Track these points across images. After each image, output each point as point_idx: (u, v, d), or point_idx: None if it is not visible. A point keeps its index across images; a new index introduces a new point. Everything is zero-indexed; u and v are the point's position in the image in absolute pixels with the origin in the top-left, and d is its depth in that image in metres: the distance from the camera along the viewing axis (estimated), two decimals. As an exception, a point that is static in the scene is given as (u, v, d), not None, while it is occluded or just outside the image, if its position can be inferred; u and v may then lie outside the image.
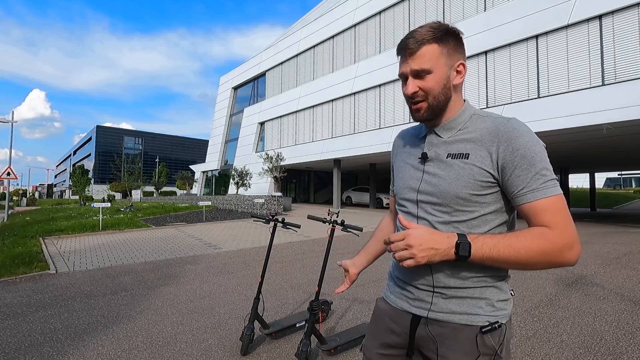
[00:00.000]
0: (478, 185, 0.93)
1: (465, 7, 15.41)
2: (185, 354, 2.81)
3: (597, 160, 20.25)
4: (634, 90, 10.15)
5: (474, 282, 0.96)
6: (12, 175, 17.28)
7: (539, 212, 0.88)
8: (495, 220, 0.96)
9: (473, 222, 0.95)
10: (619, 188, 53.59)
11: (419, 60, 0.95)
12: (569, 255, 0.86)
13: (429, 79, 0.95)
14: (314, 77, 23.58)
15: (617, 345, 2.90)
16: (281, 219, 2.98)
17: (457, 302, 0.97)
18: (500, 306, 0.97)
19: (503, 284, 0.98)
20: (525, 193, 0.89)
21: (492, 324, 0.94)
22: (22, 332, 3.25)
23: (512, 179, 0.90)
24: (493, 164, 0.92)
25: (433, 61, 0.95)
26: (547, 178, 0.89)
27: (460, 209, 0.95)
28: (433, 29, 0.95)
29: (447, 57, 0.96)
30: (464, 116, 1.00)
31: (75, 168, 40.67)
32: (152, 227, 12.07)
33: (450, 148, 0.98)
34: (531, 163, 0.89)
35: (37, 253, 7.02)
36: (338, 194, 20.89)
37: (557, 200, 0.88)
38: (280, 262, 6.29)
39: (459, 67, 0.98)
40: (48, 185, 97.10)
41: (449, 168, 0.97)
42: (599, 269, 5.57)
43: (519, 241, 0.87)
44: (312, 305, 2.54)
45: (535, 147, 0.90)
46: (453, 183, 0.95)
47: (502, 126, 0.93)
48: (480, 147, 0.94)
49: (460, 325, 0.96)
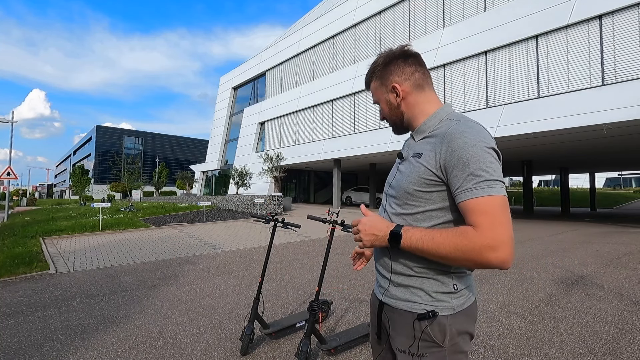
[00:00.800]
0: (422, 182, 1.00)
1: (465, 7, 15.41)
2: (185, 354, 2.81)
3: (597, 160, 20.25)
4: (634, 90, 10.14)
5: (416, 272, 1.03)
6: (12, 175, 17.28)
7: (468, 211, 0.92)
8: (441, 218, 1.01)
9: (418, 216, 1.02)
10: (619, 188, 53.60)
11: (372, 95, 1.19)
12: (490, 256, 0.88)
13: (381, 107, 1.17)
14: (314, 77, 23.57)
15: (617, 345, 2.90)
16: (281, 219, 2.98)
17: (402, 289, 1.05)
18: (439, 297, 1.01)
19: (445, 277, 1.02)
20: (459, 192, 0.94)
21: (428, 312, 1.00)
22: (22, 332, 3.25)
23: (451, 178, 0.95)
24: (436, 164, 0.98)
25: (376, 94, 1.16)
26: (480, 179, 0.91)
27: (408, 202, 1.04)
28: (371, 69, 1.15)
29: (380, 87, 1.14)
30: (433, 121, 1.07)
31: (75, 168, 40.65)
32: (152, 227, 12.07)
33: (415, 148, 1.09)
34: (466, 164, 0.92)
35: (37, 253, 7.03)
36: (338, 194, 20.88)
37: (487, 201, 0.89)
38: (280, 262, 6.29)
39: (391, 89, 1.11)
40: (48, 185, 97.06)
41: (408, 166, 1.07)
42: (599, 269, 5.57)
43: (442, 237, 0.93)
44: (312, 305, 2.54)
45: (472, 149, 0.93)
46: (404, 179, 1.05)
47: (450, 128, 0.99)
48: (432, 147, 1.01)
49: (403, 311, 1.05)
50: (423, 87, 1.11)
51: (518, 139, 13.23)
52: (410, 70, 1.09)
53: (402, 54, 1.10)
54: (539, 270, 5.55)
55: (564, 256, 6.74)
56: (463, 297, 1.04)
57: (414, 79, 1.09)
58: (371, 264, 4.32)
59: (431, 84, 1.13)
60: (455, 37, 15.46)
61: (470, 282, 1.08)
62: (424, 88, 1.11)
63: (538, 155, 17.33)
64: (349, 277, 5.12)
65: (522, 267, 5.77)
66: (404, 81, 1.09)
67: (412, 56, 1.11)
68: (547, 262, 6.20)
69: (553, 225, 13.26)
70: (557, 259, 6.50)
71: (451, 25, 15.83)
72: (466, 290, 1.05)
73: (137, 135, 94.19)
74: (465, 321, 1.03)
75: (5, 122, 19.75)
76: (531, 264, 6.02)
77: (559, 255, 6.81)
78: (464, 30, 15.18)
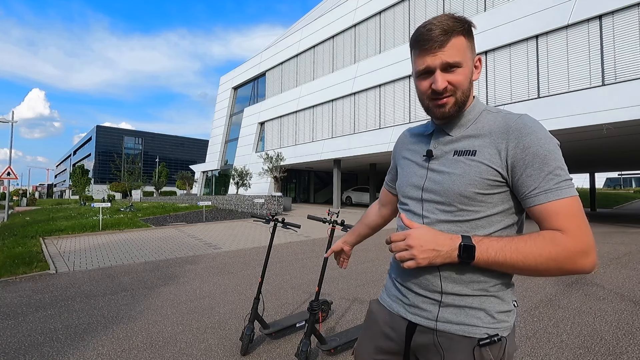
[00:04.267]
0: (485, 184, 0.88)
1: (465, 7, 15.41)
2: (185, 354, 2.81)
3: (597, 160, 20.25)
4: (634, 90, 10.14)
5: (474, 289, 0.90)
6: (12, 175, 17.28)
7: (551, 215, 0.82)
8: (502, 222, 0.90)
9: (478, 223, 0.90)
10: (619, 188, 53.58)
11: (449, 52, 0.87)
12: (583, 262, 0.80)
13: (459, 72, 0.89)
14: (314, 77, 23.57)
15: (617, 345, 2.90)
16: (281, 219, 2.98)
17: (454, 311, 0.91)
18: (501, 318, 0.90)
19: (505, 293, 0.92)
20: (537, 194, 0.83)
21: (491, 336, 0.88)
22: (22, 332, 3.25)
23: (523, 178, 0.85)
24: (502, 162, 0.86)
25: (462, 54, 0.89)
26: (561, 178, 0.83)
27: (464, 208, 0.90)
28: (458, 20, 0.90)
29: (471, 52, 0.92)
30: (473, 112, 0.95)
31: (75, 168, 40.69)
32: (152, 227, 12.07)
33: (457, 145, 0.94)
34: (544, 162, 0.83)
35: (37, 253, 7.02)
36: (338, 194, 20.88)
37: (572, 203, 0.82)
38: (280, 262, 6.29)
39: (476, 63, 0.95)
40: (48, 185, 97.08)
41: (454, 165, 0.92)
42: (599, 269, 5.57)
43: (528, 246, 0.81)
44: (312, 305, 2.54)
45: (548, 145, 0.84)
46: (458, 181, 0.90)
47: (512, 122, 0.88)
48: (489, 144, 0.89)
49: (457, 336, 0.90)
50: None
51: (518, 139, 13.21)
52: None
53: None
54: (539, 270, 5.55)
55: (564, 256, 6.74)
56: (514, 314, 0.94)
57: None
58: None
59: None
60: (455, 37, 15.45)
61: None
62: None
63: (538, 155, 17.28)
64: (349, 277, 5.12)
65: (522, 267, 5.76)
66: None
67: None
68: (547, 262, 6.20)
69: (553, 225, 13.23)
70: (557, 259, 6.49)
71: (451, 25, 15.83)
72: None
73: (137, 135, 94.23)
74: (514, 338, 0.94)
75: (5, 122, 19.75)
76: (531, 264, 6.01)
77: (559, 255, 6.80)
78: (464, 30, 15.19)
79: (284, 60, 26.28)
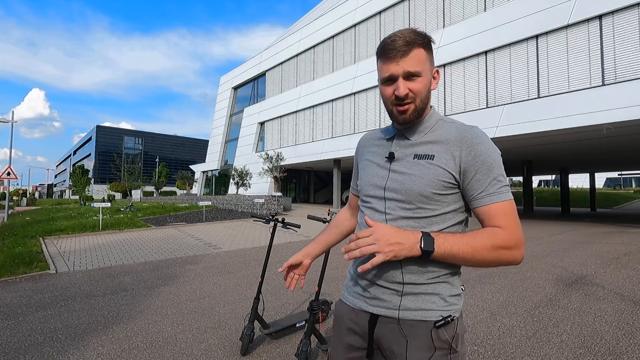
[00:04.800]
0: (441, 185, 0.98)
1: (465, 7, 15.41)
2: (185, 354, 2.81)
3: (597, 160, 20.25)
4: (634, 90, 10.15)
5: (428, 278, 0.99)
6: (12, 175, 17.28)
7: (494, 214, 0.96)
8: (454, 219, 1.02)
9: (433, 219, 1.00)
10: (619, 188, 53.59)
11: (410, 62, 0.97)
12: (516, 254, 0.94)
13: (419, 81, 0.98)
14: (314, 77, 23.58)
15: (617, 345, 2.90)
16: (281, 219, 2.98)
17: (411, 298, 0.99)
18: (452, 301, 1.01)
19: (455, 279, 1.03)
20: (484, 196, 0.96)
21: (445, 318, 0.98)
22: (22, 332, 3.25)
23: (473, 182, 0.97)
24: (456, 167, 0.98)
25: (422, 65, 0.98)
26: (502, 184, 0.96)
27: (422, 206, 1.00)
28: (419, 34, 0.99)
29: (430, 63, 1.02)
30: (431, 120, 1.05)
31: (75, 168, 40.71)
32: (152, 227, 12.07)
33: (417, 149, 1.03)
34: (490, 169, 0.96)
35: (37, 253, 7.02)
36: (338, 194, 20.88)
37: (509, 205, 0.96)
38: (280, 262, 6.29)
39: (435, 74, 1.04)
40: (48, 185, 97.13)
41: (414, 167, 1.01)
42: (599, 269, 5.57)
43: (476, 240, 0.93)
44: (312, 305, 2.54)
45: (494, 155, 0.98)
46: (417, 181, 0.99)
47: (466, 133, 1.00)
48: (445, 150, 1.00)
49: (415, 321, 0.98)
50: None
51: (518, 139, 13.23)
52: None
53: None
54: (539, 270, 5.55)
55: (564, 256, 6.74)
56: (462, 298, 1.06)
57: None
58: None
59: None
60: (455, 37, 15.45)
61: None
62: None
63: (538, 155, 17.33)
64: (349, 277, 5.12)
65: (522, 267, 5.77)
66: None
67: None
68: (547, 262, 6.20)
69: (553, 225, 13.26)
70: (557, 259, 6.50)
71: (451, 25, 15.83)
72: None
73: (137, 135, 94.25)
74: (463, 321, 1.05)
75: (5, 122, 19.75)
76: (531, 264, 6.02)
77: (559, 255, 6.81)
78: (464, 30, 15.19)
79: (284, 60, 26.29)
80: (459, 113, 15.31)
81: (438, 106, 16.10)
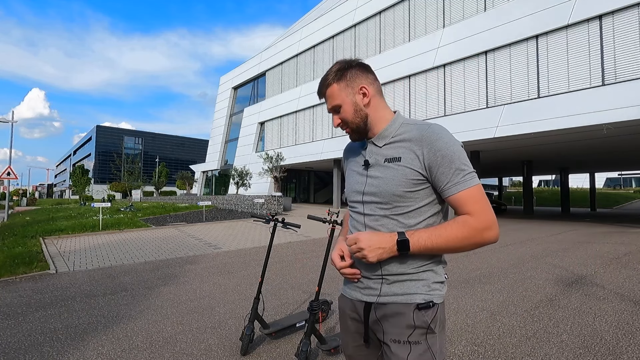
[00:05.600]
0: (410, 184, 1.08)
1: (465, 7, 15.41)
2: (185, 354, 2.81)
3: (597, 160, 20.25)
4: (634, 90, 10.15)
5: (413, 267, 1.10)
6: (12, 175, 17.28)
7: (461, 202, 1.04)
8: (429, 211, 1.11)
9: (409, 214, 1.10)
10: (619, 188, 53.60)
11: (329, 100, 1.17)
12: (488, 235, 1.03)
13: (342, 111, 1.15)
14: (314, 77, 23.57)
15: (617, 345, 2.90)
16: (281, 219, 2.98)
17: (399, 285, 1.10)
18: (435, 287, 1.11)
19: (439, 267, 1.13)
20: (450, 187, 1.04)
21: (427, 301, 1.08)
22: (22, 332, 3.25)
23: (438, 175, 1.05)
24: (421, 164, 1.07)
25: (337, 98, 1.15)
26: (465, 172, 1.04)
27: (397, 204, 1.10)
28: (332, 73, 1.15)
29: (346, 89, 1.14)
30: (394, 126, 1.15)
31: (75, 168, 40.72)
32: (152, 227, 12.07)
33: (386, 153, 1.13)
34: (451, 161, 1.04)
35: (37, 253, 7.03)
36: (338, 194, 20.88)
37: (475, 191, 1.04)
38: (280, 262, 6.29)
39: (361, 90, 1.14)
40: (48, 185, 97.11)
41: (386, 171, 1.11)
42: (599, 269, 5.57)
43: (447, 231, 1.03)
44: (312, 305, 2.54)
45: (452, 147, 1.05)
46: (390, 183, 1.10)
47: (425, 132, 1.08)
48: (409, 150, 1.09)
49: (401, 304, 1.09)
50: (381, 94, 1.19)
51: (518, 139, 13.23)
52: (372, 77, 1.17)
53: (361, 64, 1.18)
54: (539, 270, 5.55)
55: (564, 256, 6.74)
56: (446, 286, 1.16)
57: (376, 85, 1.17)
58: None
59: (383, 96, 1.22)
60: (455, 37, 15.45)
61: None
62: (381, 96, 1.19)
63: (538, 155, 17.32)
64: (349, 277, 5.12)
65: (522, 267, 5.77)
66: (369, 84, 1.15)
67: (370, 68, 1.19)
68: (547, 262, 6.20)
69: (553, 225, 13.25)
70: (557, 259, 6.50)
71: (451, 25, 15.83)
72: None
73: (137, 135, 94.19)
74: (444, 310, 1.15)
75: (5, 122, 19.75)
76: (531, 264, 6.02)
77: (559, 255, 6.81)
78: (464, 30, 15.18)
79: (284, 60, 26.28)
80: (459, 113, 15.31)
81: (438, 106, 16.12)
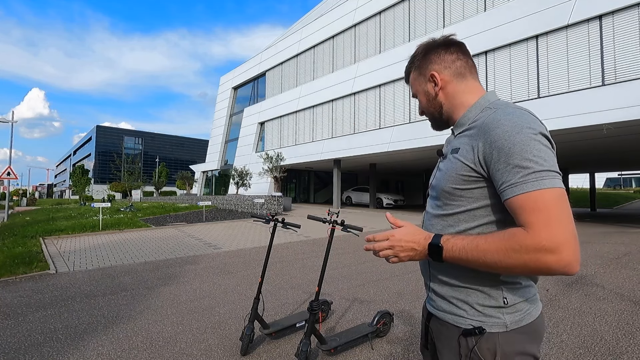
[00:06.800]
0: (460, 179, 0.92)
1: (465, 7, 15.41)
2: (185, 354, 2.81)
3: (597, 160, 20.24)
4: (634, 90, 10.14)
5: (460, 282, 0.95)
6: (12, 175, 17.28)
7: (516, 209, 0.80)
8: (485, 218, 0.91)
9: (460, 217, 0.94)
10: (619, 188, 53.59)
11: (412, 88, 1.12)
12: (548, 260, 0.76)
13: (420, 100, 1.10)
14: (314, 77, 23.57)
15: (617, 345, 2.90)
16: (281, 219, 2.98)
17: (445, 301, 1.00)
18: (488, 312, 0.91)
19: (493, 290, 0.91)
20: (505, 188, 0.82)
21: (475, 328, 0.91)
22: (22, 332, 3.25)
23: (493, 173, 0.85)
24: (475, 158, 0.88)
25: (415, 86, 1.10)
26: (528, 171, 0.79)
27: (448, 202, 0.96)
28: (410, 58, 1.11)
29: (419, 77, 1.08)
30: (474, 112, 0.98)
31: (75, 168, 40.72)
32: (152, 227, 12.07)
33: (455, 143, 0.99)
34: (509, 155, 0.81)
35: (37, 253, 7.02)
36: (338, 194, 20.88)
37: (538, 196, 0.78)
38: (280, 262, 6.29)
39: (430, 78, 1.05)
40: (48, 185, 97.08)
41: (447, 163, 0.98)
42: (599, 269, 5.57)
43: (487, 243, 0.82)
44: (312, 305, 2.54)
45: (513, 137, 0.82)
46: (443, 177, 0.97)
47: (487, 118, 0.90)
48: (470, 141, 0.92)
49: (449, 324, 0.98)
50: (465, 75, 1.02)
51: (518, 139, 13.20)
52: (451, 58, 1.02)
53: (444, 43, 1.04)
54: (539, 270, 5.54)
55: (564, 256, 6.73)
56: (520, 312, 0.91)
57: (454, 67, 1.01)
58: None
59: (475, 74, 1.04)
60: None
61: (530, 295, 0.93)
62: (465, 77, 1.02)
63: (538, 155, 17.26)
64: (349, 277, 5.12)
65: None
66: (443, 69, 1.02)
67: (455, 44, 1.04)
68: (547, 262, 6.19)
69: (553, 225, 13.22)
70: (557, 259, 6.49)
71: (451, 25, 15.82)
72: (524, 304, 0.92)
73: (137, 135, 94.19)
74: (523, 340, 0.90)
75: (5, 122, 19.75)
76: (531, 264, 6.01)
77: (559, 255, 6.80)
78: (464, 30, 15.16)
79: (284, 60, 26.27)
80: (459, 113, 15.29)
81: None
